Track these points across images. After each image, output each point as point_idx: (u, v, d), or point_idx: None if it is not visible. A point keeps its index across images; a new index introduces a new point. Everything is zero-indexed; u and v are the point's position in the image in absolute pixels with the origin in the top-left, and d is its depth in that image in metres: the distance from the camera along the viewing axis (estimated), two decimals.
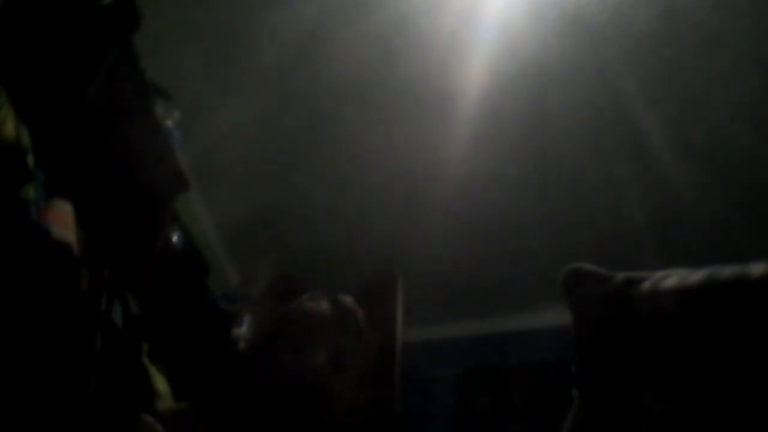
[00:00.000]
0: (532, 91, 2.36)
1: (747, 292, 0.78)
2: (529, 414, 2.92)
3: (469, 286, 3.16)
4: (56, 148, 1.50)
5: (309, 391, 1.08)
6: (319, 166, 2.74)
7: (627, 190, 2.64)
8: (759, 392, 0.75)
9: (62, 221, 1.40)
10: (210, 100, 2.43)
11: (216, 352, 2.03)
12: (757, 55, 2.18)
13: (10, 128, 1.31)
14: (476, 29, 2.20)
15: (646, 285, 0.87)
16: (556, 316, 2.61)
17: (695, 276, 0.83)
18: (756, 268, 0.78)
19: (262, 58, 2.31)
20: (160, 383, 1.69)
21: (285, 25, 2.21)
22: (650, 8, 2.10)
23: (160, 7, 1.99)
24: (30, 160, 1.35)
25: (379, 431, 2.14)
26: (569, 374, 0.94)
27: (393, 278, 2.85)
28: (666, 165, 2.51)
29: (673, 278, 0.85)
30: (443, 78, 2.34)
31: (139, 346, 1.68)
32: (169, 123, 2.00)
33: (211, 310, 2.19)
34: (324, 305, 1.21)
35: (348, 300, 1.24)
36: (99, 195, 1.63)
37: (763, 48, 2.16)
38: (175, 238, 2.07)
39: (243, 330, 2.28)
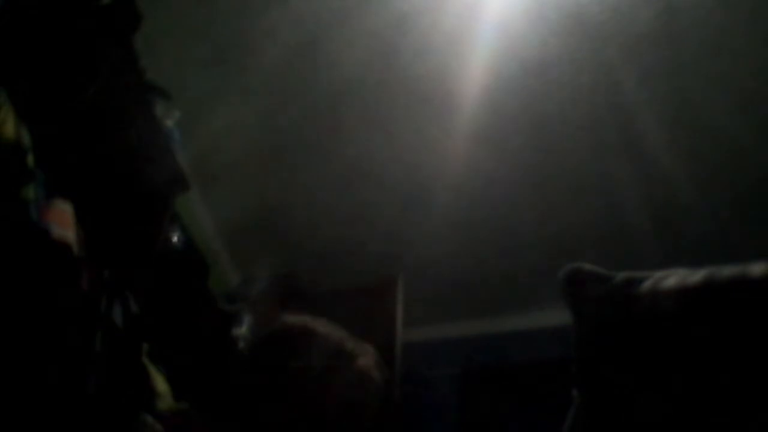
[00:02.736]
0: (532, 91, 2.36)
1: (747, 292, 0.78)
2: (529, 414, 2.92)
3: (469, 286, 3.16)
4: (56, 148, 1.50)
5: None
6: (319, 166, 2.74)
7: (627, 190, 2.64)
8: (759, 393, 0.75)
9: (62, 221, 1.40)
10: (210, 100, 2.43)
11: (216, 352, 2.03)
12: (757, 55, 2.18)
13: (10, 128, 1.31)
14: (476, 29, 2.20)
15: (646, 285, 0.87)
16: (556, 316, 2.62)
17: (695, 276, 0.83)
18: (756, 268, 0.78)
19: (262, 58, 2.31)
20: (160, 383, 1.69)
21: (285, 25, 2.21)
22: (650, 8, 2.10)
23: (160, 7, 1.99)
24: (30, 160, 1.35)
25: (379, 431, 2.14)
26: (569, 374, 0.94)
27: (393, 278, 2.85)
28: (666, 165, 2.51)
29: (673, 278, 0.85)
30: (443, 78, 2.34)
31: (139, 346, 1.68)
32: (169, 123, 2.00)
33: (211, 310, 2.19)
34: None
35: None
36: (99, 195, 1.63)
37: (763, 48, 2.16)
38: (175, 238, 2.07)
39: (243, 330, 2.29)
